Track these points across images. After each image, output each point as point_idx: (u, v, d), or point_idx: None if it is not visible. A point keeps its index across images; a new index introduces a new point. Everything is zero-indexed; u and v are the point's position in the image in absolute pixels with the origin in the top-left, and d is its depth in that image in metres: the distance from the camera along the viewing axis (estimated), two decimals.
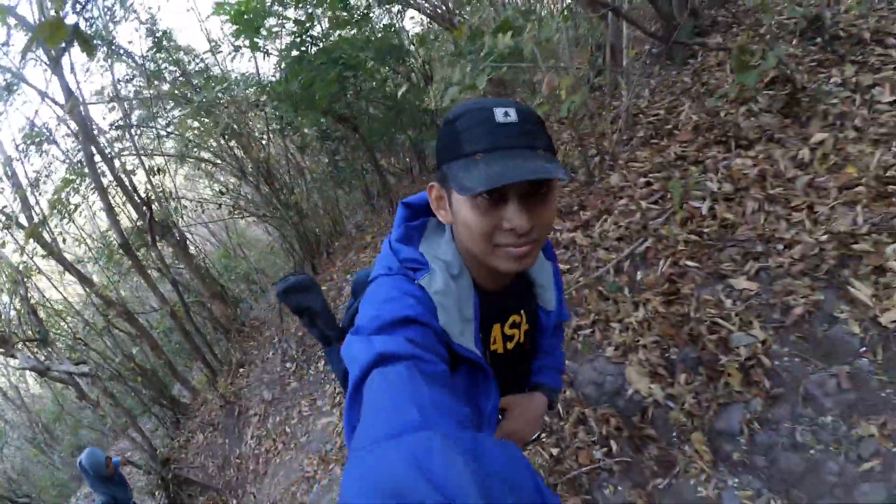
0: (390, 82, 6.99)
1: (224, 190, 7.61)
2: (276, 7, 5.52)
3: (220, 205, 8.04)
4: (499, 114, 0.80)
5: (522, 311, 1.13)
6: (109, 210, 5.62)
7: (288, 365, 5.11)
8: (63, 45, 4.70)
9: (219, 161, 7.61)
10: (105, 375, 6.02)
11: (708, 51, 3.67)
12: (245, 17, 5.43)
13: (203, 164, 8.16)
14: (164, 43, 6.78)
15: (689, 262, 2.45)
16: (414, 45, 6.26)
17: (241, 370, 5.95)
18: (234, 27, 5.49)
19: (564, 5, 6.60)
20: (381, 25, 6.68)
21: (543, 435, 2.54)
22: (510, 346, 1.13)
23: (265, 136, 7.06)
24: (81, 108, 5.65)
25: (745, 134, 2.82)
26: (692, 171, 2.82)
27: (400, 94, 4.28)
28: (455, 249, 0.96)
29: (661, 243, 2.65)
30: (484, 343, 1.03)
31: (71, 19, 5.81)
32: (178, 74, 6.95)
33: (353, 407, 0.68)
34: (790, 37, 3.27)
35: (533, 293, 1.15)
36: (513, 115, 0.80)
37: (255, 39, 5.60)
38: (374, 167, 7.10)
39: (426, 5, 5.56)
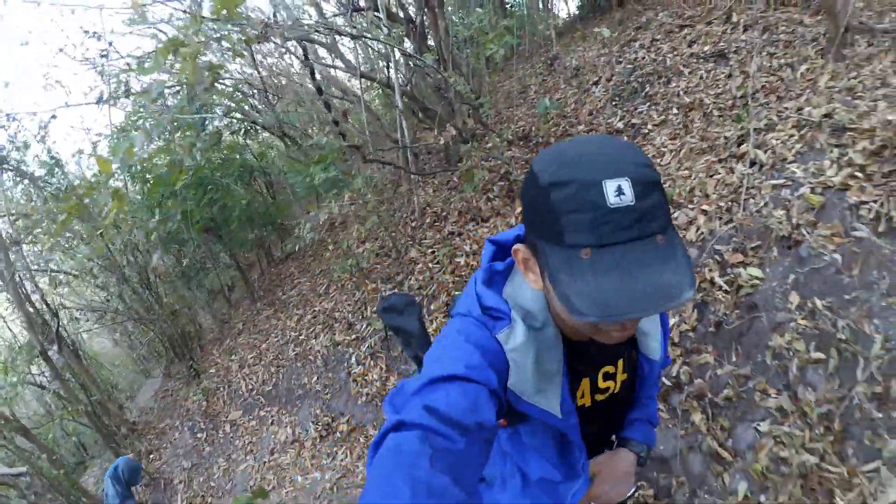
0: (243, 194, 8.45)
1: (109, 297, 8.50)
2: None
3: (105, 312, 8.89)
4: (611, 192, 0.65)
5: (620, 361, 1.07)
6: (30, 323, 6.42)
7: (199, 435, 6.25)
8: None
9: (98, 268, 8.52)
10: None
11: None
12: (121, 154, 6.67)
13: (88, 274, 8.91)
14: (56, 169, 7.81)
15: (457, 292, 4.22)
16: (257, 158, 7.83)
17: (150, 455, 6.90)
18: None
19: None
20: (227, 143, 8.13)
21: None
22: (600, 397, 1.08)
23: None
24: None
25: (484, 213, 4.69)
26: (457, 240, 4.65)
27: (245, 202, 5.77)
28: (541, 297, 0.90)
29: (443, 287, 4.40)
30: (573, 399, 0.98)
31: None
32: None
33: (370, 459, 0.70)
34: (514, 144, 5.28)
35: (634, 339, 1.08)
36: (628, 194, 0.65)
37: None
38: (236, 264, 8.49)
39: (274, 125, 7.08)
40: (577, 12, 9.84)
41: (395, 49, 4.58)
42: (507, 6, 9.15)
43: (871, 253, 2.18)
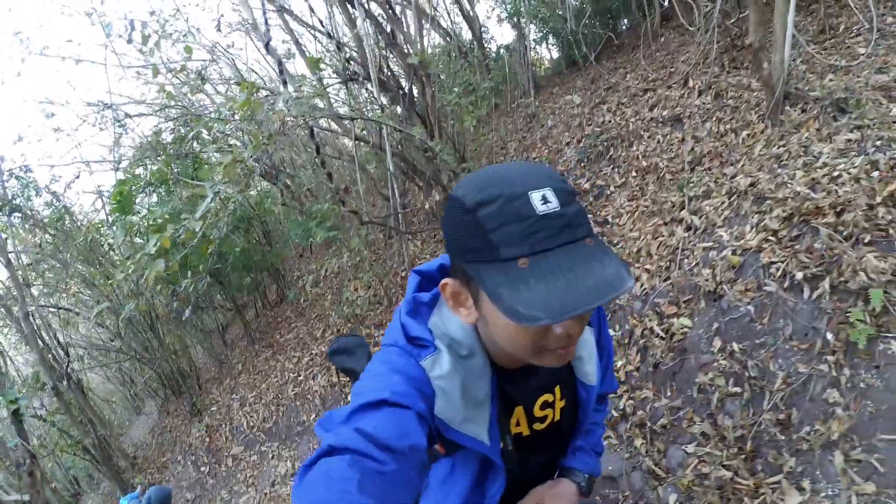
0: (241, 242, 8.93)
1: (112, 337, 8.89)
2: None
3: (108, 350, 9.27)
4: (537, 201, 0.68)
5: (556, 388, 1.06)
6: (42, 359, 6.77)
7: (202, 469, 6.59)
8: None
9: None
10: None
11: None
12: (119, 200, 7.14)
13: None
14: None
15: None
16: (254, 208, 8.33)
17: None
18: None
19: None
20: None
21: None
22: (540, 427, 1.07)
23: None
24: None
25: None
26: None
27: (240, 250, 6.22)
28: (468, 327, 0.90)
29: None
30: (502, 427, 0.97)
31: None
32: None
33: (297, 483, 0.69)
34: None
35: (570, 366, 1.07)
36: (553, 202, 0.68)
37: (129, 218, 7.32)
38: (235, 307, 8.95)
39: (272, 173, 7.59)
40: (556, 65, 10.46)
41: (387, 118, 5.11)
42: (490, 62, 9.77)
43: (777, 304, 2.68)
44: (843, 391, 2.32)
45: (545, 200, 0.68)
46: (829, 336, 2.44)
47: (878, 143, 3.15)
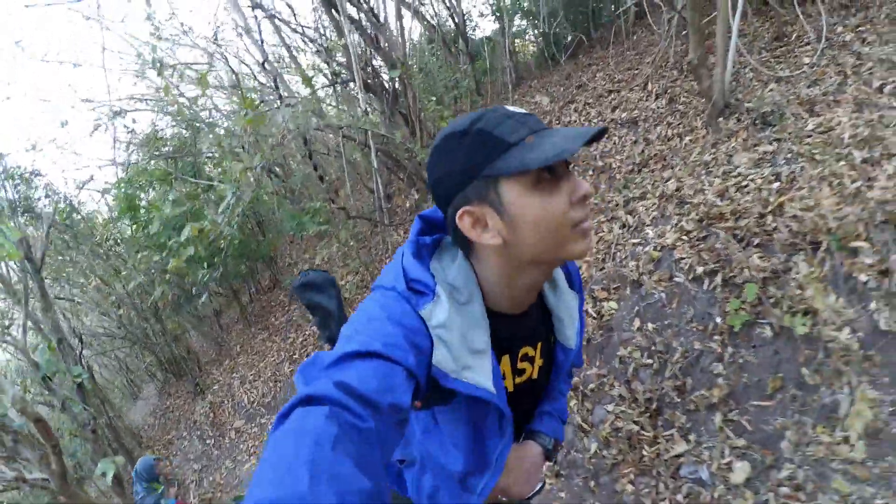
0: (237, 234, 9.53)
1: (120, 324, 9.55)
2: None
3: (115, 337, 9.96)
4: (511, 109, 0.87)
5: (538, 344, 1.11)
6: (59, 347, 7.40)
7: (208, 441, 7.28)
8: None
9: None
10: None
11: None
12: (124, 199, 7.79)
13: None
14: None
15: None
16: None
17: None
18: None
19: None
20: None
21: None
22: (519, 380, 1.10)
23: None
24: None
25: None
26: None
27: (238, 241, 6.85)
28: (467, 271, 0.94)
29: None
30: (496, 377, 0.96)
31: None
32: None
33: (271, 432, 0.66)
34: None
35: (550, 324, 1.13)
36: (521, 109, 0.88)
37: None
38: (232, 293, 9.67)
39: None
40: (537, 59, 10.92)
41: (371, 124, 5.73)
42: (473, 55, 10.24)
43: (683, 293, 3.36)
44: (726, 365, 2.99)
45: (515, 108, 0.87)
46: (718, 320, 3.11)
47: (789, 156, 3.74)
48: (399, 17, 7.27)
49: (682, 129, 5.21)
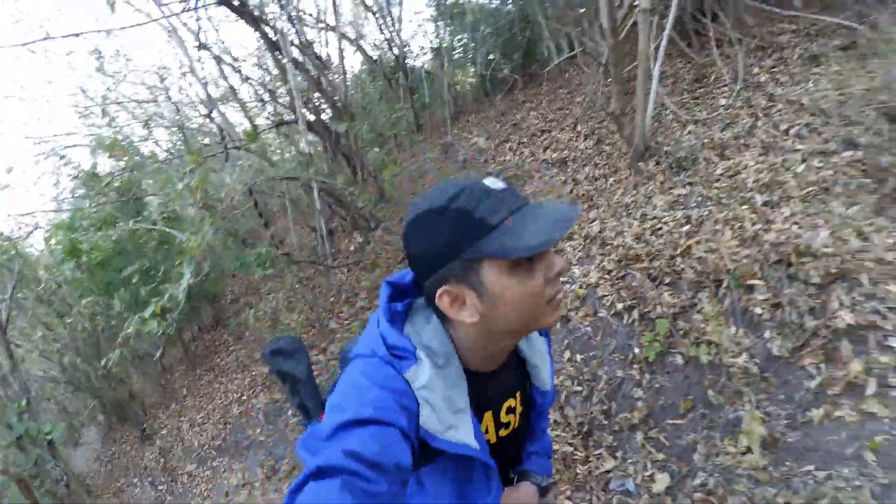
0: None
1: (63, 368, 9.46)
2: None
3: (58, 382, 9.83)
4: (490, 184, 0.89)
5: (517, 393, 1.16)
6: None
7: (160, 488, 7.32)
8: None
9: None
10: None
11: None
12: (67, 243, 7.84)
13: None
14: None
15: None
16: None
17: None
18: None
19: None
20: None
21: None
22: (504, 433, 1.15)
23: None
24: None
25: None
26: (367, 314, 6.12)
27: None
28: (443, 335, 0.98)
29: None
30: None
31: None
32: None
33: None
34: None
35: (526, 372, 1.19)
36: (499, 182, 0.90)
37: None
38: (176, 334, 9.75)
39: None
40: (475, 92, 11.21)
41: (316, 171, 6.08)
42: (413, 88, 10.61)
43: (606, 327, 3.80)
44: (644, 390, 3.42)
45: (494, 182, 0.89)
46: (637, 350, 3.56)
47: (699, 199, 4.21)
48: (341, 57, 7.66)
49: (607, 170, 5.68)
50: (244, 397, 7.33)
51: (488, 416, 1.10)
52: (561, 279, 1.09)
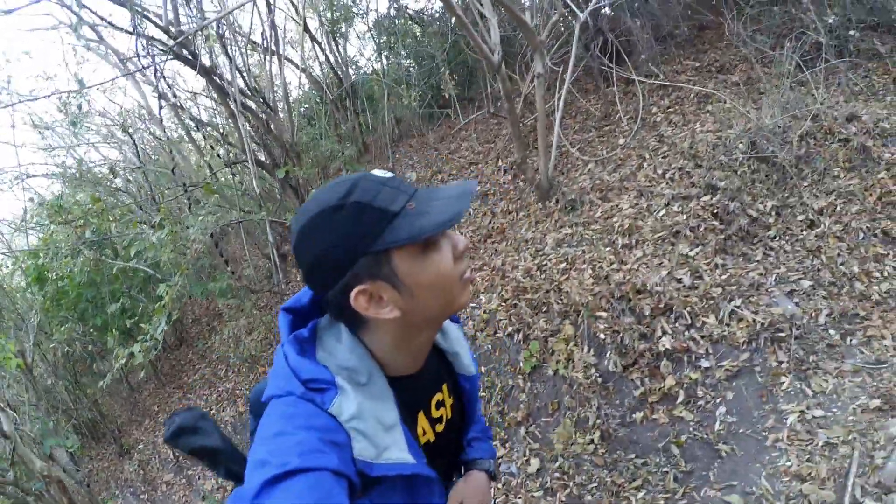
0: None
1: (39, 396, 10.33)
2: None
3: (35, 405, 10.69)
4: (379, 175, 0.89)
5: (444, 386, 1.16)
6: None
7: (142, 496, 8.19)
8: None
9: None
10: None
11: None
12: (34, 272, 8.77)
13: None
14: None
15: None
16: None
17: None
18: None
19: None
20: None
21: None
22: (440, 428, 1.14)
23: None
24: None
25: None
26: None
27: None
28: (359, 349, 0.95)
29: None
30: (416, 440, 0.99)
31: None
32: None
33: None
34: None
35: (448, 363, 1.20)
36: (386, 171, 0.92)
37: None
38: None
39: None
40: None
41: (268, 211, 7.17)
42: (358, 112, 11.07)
43: (502, 345, 4.99)
44: (527, 394, 4.60)
45: (383, 172, 0.92)
46: (521, 364, 4.77)
47: (579, 239, 5.28)
48: (287, 101, 8.72)
49: (519, 205, 6.62)
50: (213, 411, 8.21)
51: (421, 415, 1.09)
52: (467, 257, 1.05)
